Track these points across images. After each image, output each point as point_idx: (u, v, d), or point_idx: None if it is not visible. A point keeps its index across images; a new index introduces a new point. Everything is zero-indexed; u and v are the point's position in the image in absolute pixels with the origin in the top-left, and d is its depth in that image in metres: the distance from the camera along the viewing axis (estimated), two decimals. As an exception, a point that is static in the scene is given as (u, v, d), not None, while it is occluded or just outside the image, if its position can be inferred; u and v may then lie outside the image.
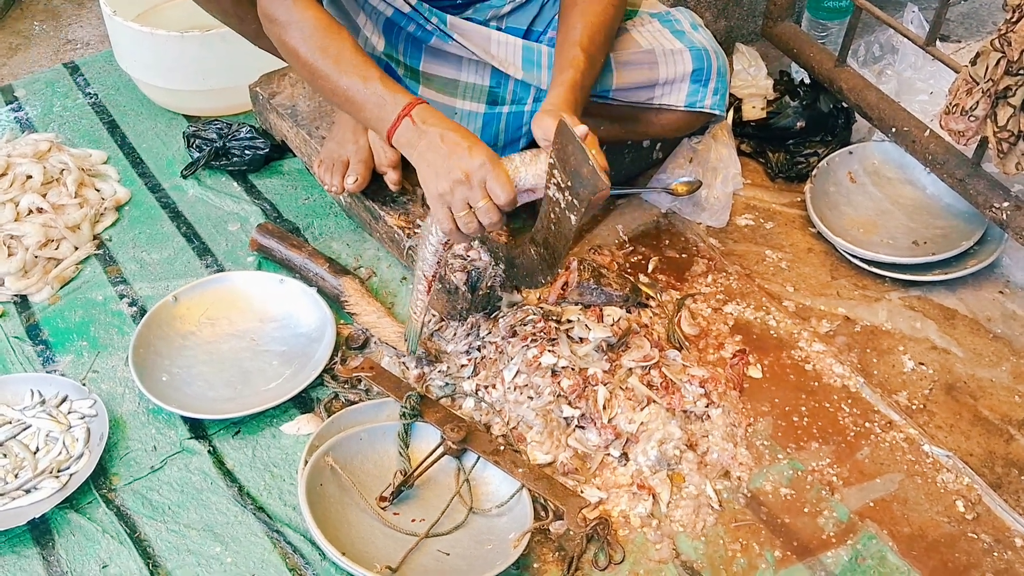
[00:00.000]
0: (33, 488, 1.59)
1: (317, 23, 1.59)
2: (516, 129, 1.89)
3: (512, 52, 1.80)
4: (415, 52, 1.84)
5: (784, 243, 2.09)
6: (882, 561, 1.52)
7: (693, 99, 1.84)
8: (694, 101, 1.84)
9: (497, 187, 1.46)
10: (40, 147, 2.20)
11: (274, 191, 2.22)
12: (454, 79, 1.85)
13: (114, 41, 2.42)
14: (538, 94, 1.86)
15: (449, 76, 1.85)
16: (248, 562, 1.51)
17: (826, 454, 1.67)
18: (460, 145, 1.47)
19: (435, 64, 1.85)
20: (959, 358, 1.84)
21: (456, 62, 1.84)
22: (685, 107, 1.85)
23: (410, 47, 1.84)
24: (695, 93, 1.83)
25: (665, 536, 1.54)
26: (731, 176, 2.15)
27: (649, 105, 1.85)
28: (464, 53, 1.81)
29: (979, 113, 1.73)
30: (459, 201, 1.48)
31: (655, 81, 1.83)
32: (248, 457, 1.67)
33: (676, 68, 1.82)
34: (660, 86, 1.84)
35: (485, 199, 1.47)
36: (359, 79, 1.56)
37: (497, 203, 1.47)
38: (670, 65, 1.82)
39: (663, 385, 1.72)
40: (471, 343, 1.80)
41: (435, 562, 1.48)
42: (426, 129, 1.51)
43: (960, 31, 2.80)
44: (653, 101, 1.85)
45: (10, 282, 1.95)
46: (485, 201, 1.47)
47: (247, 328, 1.88)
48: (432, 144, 1.49)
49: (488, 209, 1.47)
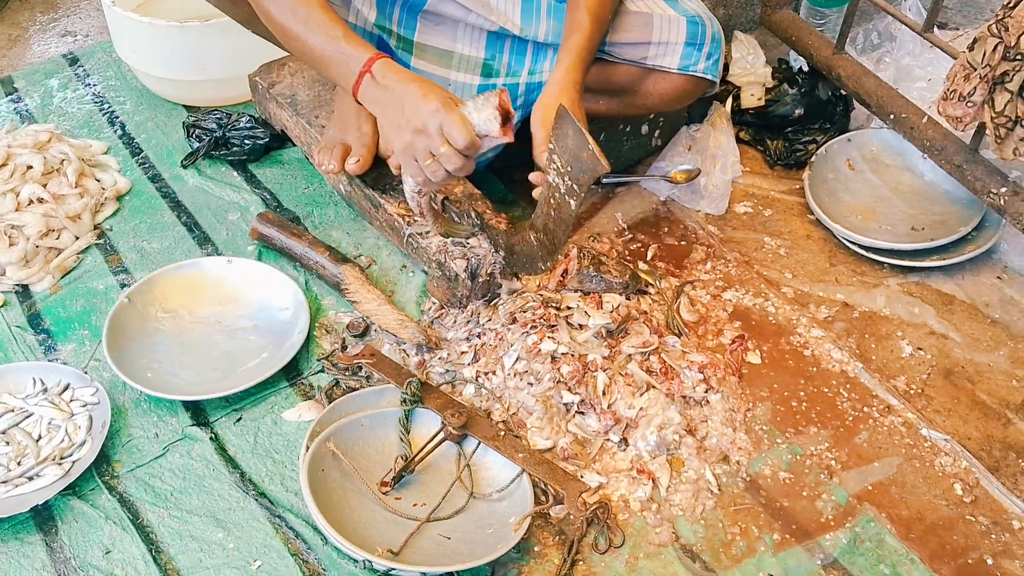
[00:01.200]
0: (36, 475, 1.60)
1: None
2: (511, 101, 1.89)
3: (511, 5, 1.81)
4: (410, 20, 1.84)
5: (783, 230, 2.10)
6: (880, 544, 1.53)
7: (687, 62, 1.84)
8: (687, 64, 1.84)
9: (454, 131, 1.47)
10: (40, 137, 2.20)
11: (274, 180, 2.23)
12: (448, 50, 1.86)
13: (113, 32, 2.42)
14: (533, 64, 1.86)
15: (444, 47, 1.86)
16: (250, 547, 1.52)
17: (825, 438, 1.68)
18: (415, 94, 1.49)
19: (430, 33, 1.85)
20: (957, 343, 1.85)
21: (452, 30, 1.84)
22: (678, 70, 1.84)
23: (405, 14, 1.84)
24: (688, 56, 1.83)
25: (665, 520, 1.55)
26: (730, 164, 2.16)
27: (643, 64, 1.85)
28: (460, 12, 1.81)
29: (977, 99, 1.73)
30: (422, 151, 1.51)
31: (649, 40, 1.83)
32: (250, 444, 1.67)
33: (670, 32, 1.82)
34: (654, 46, 1.83)
35: (445, 145, 1.49)
36: (325, 37, 1.58)
37: (457, 147, 1.49)
38: (664, 29, 1.82)
39: (662, 371, 1.72)
40: (471, 330, 1.81)
41: (436, 546, 1.49)
42: (387, 84, 1.53)
43: (958, 18, 2.80)
44: (647, 61, 1.85)
45: (11, 272, 1.96)
46: (446, 147, 1.49)
47: (208, 313, 1.89)
48: (392, 98, 1.52)
49: (450, 155, 1.50)
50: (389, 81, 1.54)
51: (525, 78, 1.87)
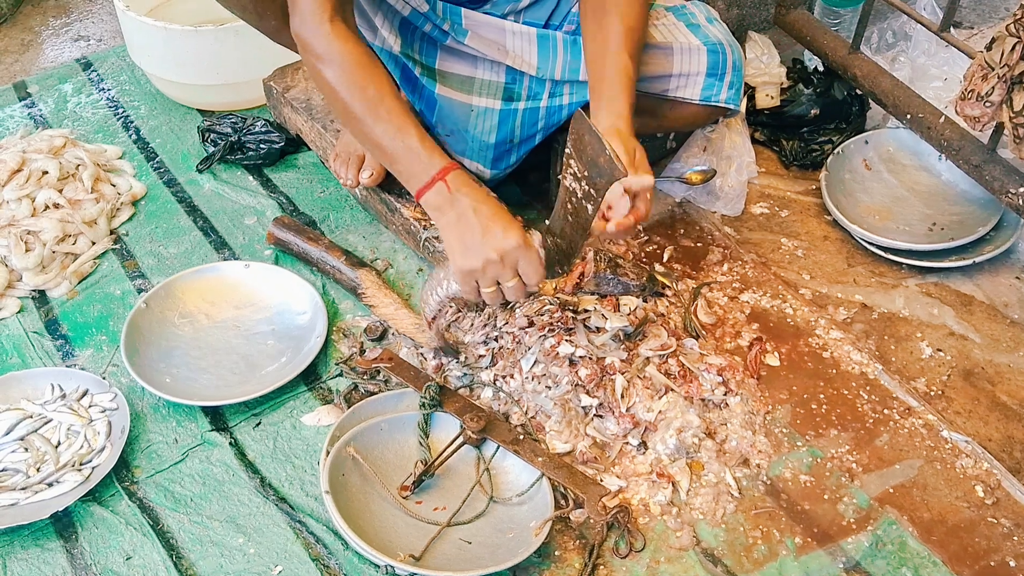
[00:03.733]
0: (55, 481, 1.60)
1: (357, 60, 1.56)
2: (531, 125, 1.89)
3: (527, 44, 1.80)
4: (431, 51, 1.84)
5: (800, 231, 2.09)
6: (902, 546, 1.52)
7: (708, 93, 1.84)
8: (709, 95, 1.84)
9: (531, 271, 1.51)
10: (55, 143, 2.21)
11: (290, 185, 2.23)
12: (470, 76, 1.85)
13: (127, 36, 2.43)
14: (553, 88, 1.86)
15: (465, 73, 1.85)
16: (271, 552, 1.52)
17: (845, 441, 1.67)
18: (495, 223, 1.50)
19: (451, 62, 1.85)
20: (977, 344, 1.84)
21: (471, 60, 1.84)
22: (700, 101, 1.85)
23: (426, 46, 1.84)
24: (710, 88, 1.83)
25: (685, 524, 1.55)
26: (745, 164, 2.15)
27: (664, 96, 1.85)
28: (478, 55, 1.81)
29: (995, 99, 1.73)
30: (489, 278, 1.52)
31: (670, 73, 1.83)
32: (269, 448, 1.67)
33: (692, 64, 1.82)
34: (675, 78, 1.84)
35: (515, 279, 1.52)
36: (395, 129, 1.54)
37: (528, 284, 1.53)
38: (686, 61, 1.82)
39: (680, 374, 1.72)
40: (488, 334, 1.81)
41: (457, 550, 1.49)
42: (459, 198, 1.52)
43: (972, 17, 2.79)
44: (668, 93, 1.85)
45: (28, 277, 1.96)
46: (515, 281, 1.52)
47: (226, 317, 1.89)
48: (464, 215, 1.51)
49: (516, 288, 1.53)
50: (463, 195, 1.52)
51: (546, 102, 1.86)
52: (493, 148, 1.90)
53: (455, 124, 1.89)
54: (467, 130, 1.88)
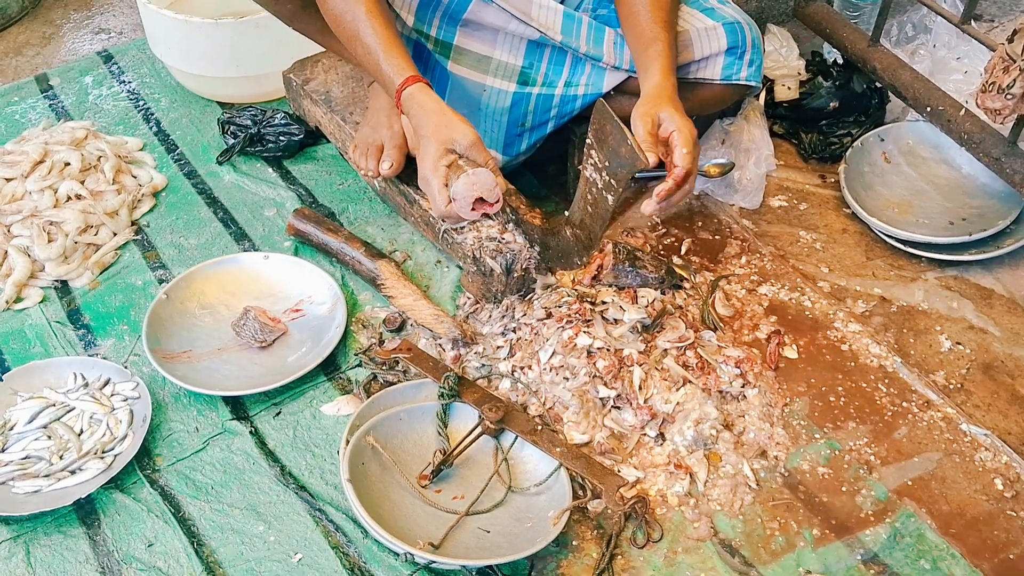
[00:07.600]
0: (78, 469, 1.62)
1: None
2: (544, 112, 1.90)
3: (553, 16, 1.81)
4: (450, 27, 1.85)
5: (818, 224, 2.09)
6: (921, 539, 1.52)
7: (729, 72, 1.84)
8: (730, 74, 1.84)
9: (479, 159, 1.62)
10: (77, 135, 2.23)
11: (309, 176, 2.24)
12: (487, 56, 1.86)
13: (147, 29, 2.44)
14: (569, 78, 1.86)
15: (483, 52, 1.86)
16: (291, 540, 1.53)
17: (863, 433, 1.67)
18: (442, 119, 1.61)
19: (470, 39, 1.85)
20: (996, 337, 1.83)
21: (492, 36, 1.84)
22: (721, 80, 1.85)
23: (445, 21, 1.85)
24: (731, 66, 1.83)
25: (703, 515, 1.55)
26: (764, 157, 2.15)
27: (684, 79, 1.85)
28: (501, 20, 1.81)
29: (1016, 91, 1.72)
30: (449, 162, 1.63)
31: (691, 59, 1.83)
32: (289, 438, 1.69)
33: (711, 45, 1.82)
34: (696, 63, 1.84)
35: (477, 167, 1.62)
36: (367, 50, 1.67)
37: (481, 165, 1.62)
38: (704, 44, 1.82)
39: (698, 366, 1.72)
40: (507, 325, 1.81)
41: (476, 539, 1.49)
42: (412, 104, 1.63)
43: (993, 10, 2.77)
44: (689, 76, 1.85)
45: (50, 268, 1.98)
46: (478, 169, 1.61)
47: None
48: (417, 117, 1.63)
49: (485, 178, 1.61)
50: (415, 103, 1.61)
51: (561, 90, 1.87)
52: (505, 129, 1.90)
53: (467, 103, 1.90)
54: (479, 109, 1.89)
